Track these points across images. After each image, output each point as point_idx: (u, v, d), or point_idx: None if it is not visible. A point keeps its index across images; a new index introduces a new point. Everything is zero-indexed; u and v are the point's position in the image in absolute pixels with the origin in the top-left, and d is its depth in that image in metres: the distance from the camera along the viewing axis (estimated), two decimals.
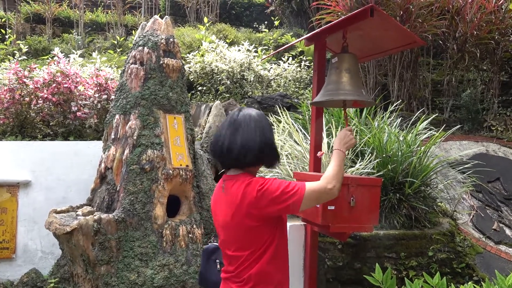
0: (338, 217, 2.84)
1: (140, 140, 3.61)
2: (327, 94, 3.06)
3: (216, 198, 2.01)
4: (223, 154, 1.92)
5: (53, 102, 4.52)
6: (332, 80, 3.09)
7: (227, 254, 1.97)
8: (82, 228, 3.21)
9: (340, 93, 2.98)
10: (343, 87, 3.00)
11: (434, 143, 4.08)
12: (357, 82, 3.09)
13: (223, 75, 5.79)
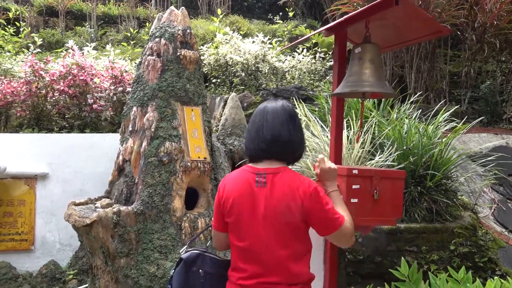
0: (362, 210, 2.79)
1: (158, 132, 3.59)
2: (349, 85, 3.00)
3: (245, 193, 1.85)
4: (278, 145, 1.87)
5: (69, 95, 4.51)
6: (354, 71, 3.02)
7: (257, 254, 1.83)
8: (102, 221, 3.20)
9: (364, 84, 2.92)
10: (366, 78, 2.94)
11: (456, 135, 4.00)
12: (380, 73, 3.03)
13: (238, 67, 5.74)
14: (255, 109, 2.05)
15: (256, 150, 1.90)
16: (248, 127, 2.01)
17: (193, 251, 2.07)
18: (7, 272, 3.95)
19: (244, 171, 1.93)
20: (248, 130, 1.99)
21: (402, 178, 2.90)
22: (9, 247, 4.18)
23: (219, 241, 2.04)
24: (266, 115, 1.94)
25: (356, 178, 2.78)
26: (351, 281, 3.55)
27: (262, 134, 1.88)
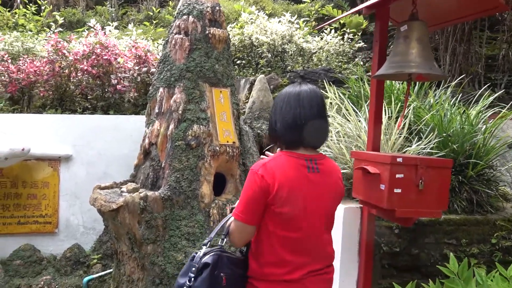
0: (405, 201, 2.61)
1: (185, 114, 3.43)
2: (393, 67, 2.79)
3: (300, 180, 1.76)
4: (317, 133, 1.87)
5: (93, 75, 4.38)
6: (399, 51, 2.81)
7: (309, 243, 1.79)
8: (128, 206, 3.08)
9: (411, 65, 2.71)
10: (413, 58, 2.72)
11: (503, 122, 3.74)
12: (428, 53, 2.80)
13: (264, 47, 5.52)
14: (282, 93, 1.93)
15: (295, 137, 1.83)
16: (280, 113, 1.87)
17: (213, 253, 1.86)
18: (32, 255, 3.90)
19: (290, 157, 1.81)
20: (282, 116, 1.85)
21: (449, 167, 2.70)
22: (33, 230, 4.13)
23: (244, 236, 1.81)
24: (302, 102, 1.85)
25: (400, 166, 2.60)
26: (386, 274, 3.38)
27: (300, 122, 1.81)
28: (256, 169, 1.75)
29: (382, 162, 2.63)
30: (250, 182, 1.75)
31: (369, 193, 2.79)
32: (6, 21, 6.40)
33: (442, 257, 3.49)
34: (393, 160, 2.55)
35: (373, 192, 2.72)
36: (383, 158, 2.62)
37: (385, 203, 2.59)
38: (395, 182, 2.57)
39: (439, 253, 3.49)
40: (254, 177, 1.74)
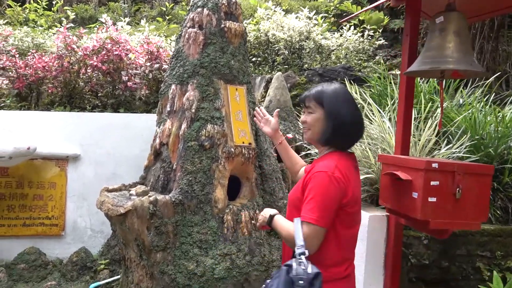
0: (441, 211, 2.36)
1: (198, 113, 3.21)
2: (427, 62, 2.53)
3: (357, 179, 1.94)
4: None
5: (103, 71, 4.20)
6: (434, 45, 2.55)
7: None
8: (137, 210, 2.88)
9: (448, 60, 2.45)
10: (450, 53, 2.46)
11: None
12: (467, 47, 2.54)
13: (281, 44, 5.29)
14: (339, 93, 1.98)
15: (357, 138, 2.00)
16: (347, 114, 1.93)
17: (308, 265, 1.69)
18: (37, 259, 3.73)
19: (346, 158, 1.94)
20: (351, 117, 1.94)
21: (490, 174, 2.44)
22: (39, 232, 3.96)
23: (319, 240, 1.79)
24: (355, 104, 2.00)
25: (435, 173, 2.35)
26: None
27: (362, 126, 2.01)
28: (331, 172, 1.79)
29: (415, 167, 2.38)
30: (326, 185, 1.77)
31: (398, 201, 2.54)
32: (17, 16, 6.26)
33: (474, 270, 3.22)
34: (428, 166, 2.31)
35: (404, 200, 2.48)
36: (416, 163, 2.37)
37: (419, 213, 2.35)
38: (429, 190, 2.32)
39: (471, 266, 3.22)
40: (331, 179, 1.77)
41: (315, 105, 1.96)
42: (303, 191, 1.87)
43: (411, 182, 2.41)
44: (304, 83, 4.92)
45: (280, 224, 1.91)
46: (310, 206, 1.76)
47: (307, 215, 1.75)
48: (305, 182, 1.87)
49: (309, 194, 1.80)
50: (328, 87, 1.98)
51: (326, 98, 1.94)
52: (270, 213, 1.98)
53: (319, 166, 1.85)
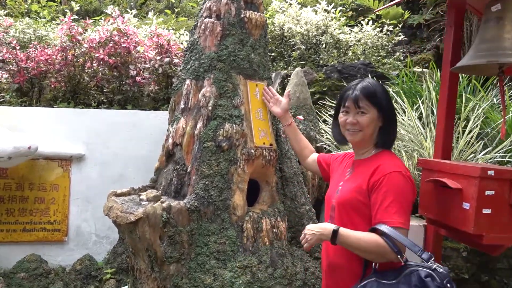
0: (495, 224, 2.08)
1: (216, 111, 2.94)
2: (482, 55, 2.24)
3: None
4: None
5: (110, 65, 3.91)
6: (489, 36, 2.25)
7: None
8: (149, 218, 2.60)
9: (508, 53, 2.16)
10: (509, 45, 2.18)
11: None
12: None
13: (297, 38, 5.00)
14: (386, 91, 1.99)
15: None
16: (395, 116, 2.00)
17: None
18: (38, 267, 3.45)
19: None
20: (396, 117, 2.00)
21: None
22: (40, 238, 3.69)
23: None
24: None
25: (491, 181, 2.06)
26: None
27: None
28: (404, 170, 1.78)
29: (466, 174, 2.09)
30: (404, 185, 1.75)
31: (444, 212, 2.26)
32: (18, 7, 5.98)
33: None
34: (483, 173, 2.02)
35: (451, 211, 2.20)
36: (469, 170, 2.08)
37: (471, 227, 2.07)
38: (484, 201, 2.04)
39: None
40: (406, 179, 1.76)
41: (368, 105, 1.85)
42: (368, 193, 1.79)
43: (461, 191, 2.13)
44: (322, 79, 4.63)
45: (356, 237, 1.72)
46: (394, 210, 1.70)
47: (395, 219, 1.69)
48: (373, 184, 1.77)
49: (387, 197, 1.72)
50: (376, 85, 1.92)
51: (380, 97, 1.87)
52: (333, 228, 1.75)
53: (388, 166, 1.78)
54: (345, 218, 1.85)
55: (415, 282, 1.62)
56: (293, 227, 3.20)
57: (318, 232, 1.78)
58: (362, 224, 1.80)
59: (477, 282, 2.88)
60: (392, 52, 5.67)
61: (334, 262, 1.95)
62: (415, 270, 1.67)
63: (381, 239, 1.68)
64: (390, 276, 1.71)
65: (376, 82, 1.94)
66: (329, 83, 4.60)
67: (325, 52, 5.12)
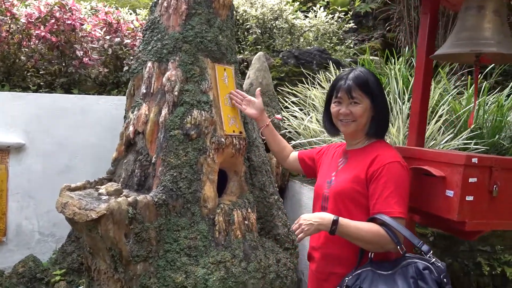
0: (477, 211, 2.12)
1: (182, 97, 2.72)
2: (464, 44, 2.26)
3: None
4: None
5: (52, 44, 3.49)
6: (469, 25, 2.28)
7: None
8: (113, 214, 2.35)
9: (489, 43, 2.19)
10: (490, 35, 2.21)
11: None
12: (506, 29, 2.31)
13: (253, 22, 4.84)
14: (377, 80, 1.92)
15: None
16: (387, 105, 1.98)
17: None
18: None
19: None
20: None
21: None
22: None
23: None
24: None
25: (474, 168, 2.09)
26: None
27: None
28: (401, 160, 1.78)
29: (450, 162, 2.10)
30: (402, 175, 1.75)
31: (425, 199, 2.26)
32: None
33: (475, 266, 3.08)
34: (468, 161, 2.04)
35: (433, 199, 2.20)
36: (453, 158, 2.09)
37: (455, 214, 2.09)
38: (467, 188, 2.06)
39: (473, 262, 3.08)
40: (403, 168, 1.77)
41: (361, 95, 1.81)
42: (366, 183, 1.75)
43: (445, 179, 2.13)
44: (280, 65, 4.54)
45: (356, 226, 1.67)
46: (394, 200, 1.67)
47: (395, 210, 1.67)
48: (371, 174, 1.74)
49: (387, 187, 1.69)
50: (368, 74, 1.87)
51: (372, 86, 1.83)
52: (332, 217, 1.66)
53: (387, 156, 1.77)
54: (342, 209, 1.79)
55: (412, 274, 1.61)
56: (262, 218, 3.09)
57: (316, 222, 1.69)
58: (359, 214, 1.76)
59: None
60: (343, 39, 5.71)
61: (327, 251, 1.89)
62: (413, 262, 1.66)
63: (382, 229, 1.65)
64: (386, 267, 1.69)
65: (367, 70, 1.88)
66: (287, 69, 4.51)
67: (279, 37, 5.02)
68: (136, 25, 3.98)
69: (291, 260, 2.97)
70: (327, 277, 1.87)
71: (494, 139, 3.20)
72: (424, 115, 2.63)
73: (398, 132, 3.09)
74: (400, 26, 5.57)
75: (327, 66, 4.59)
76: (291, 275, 2.92)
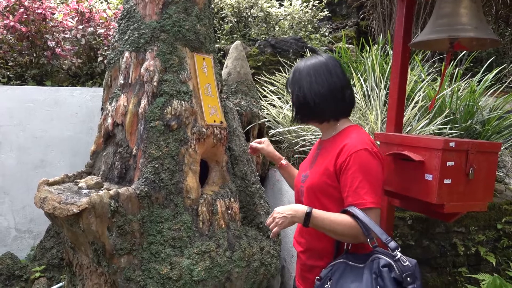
0: (454, 194, 2.19)
1: (161, 87, 2.68)
2: (443, 30, 2.31)
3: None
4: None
5: (22, 34, 3.36)
6: (447, 12, 2.33)
7: None
8: (95, 208, 2.31)
9: (466, 28, 2.25)
10: (467, 21, 2.27)
11: (507, 99, 3.49)
12: (481, 15, 2.37)
13: (228, 11, 4.79)
14: (303, 67, 1.84)
15: (341, 105, 1.83)
16: (326, 89, 1.80)
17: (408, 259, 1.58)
18: None
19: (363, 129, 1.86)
20: (325, 88, 1.80)
21: (497, 151, 2.32)
22: None
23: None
24: (335, 70, 1.86)
25: (451, 152, 2.16)
26: None
27: (341, 90, 1.81)
28: (370, 147, 1.68)
29: (429, 147, 2.16)
30: (371, 162, 1.66)
31: (404, 184, 2.32)
32: None
33: (451, 246, 3.20)
34: (446, 145, 2.10)
35: (412, 183, 2.27)
36: (431, 143, 2.15)
37: (435, 197, 2.15)
38: (445, 172, 2.13)
39: (449, 243, 3.19)
40: (373, 155, 1.68)
41: (292, 92, 1.85)
42: (336, 175, 1.71)
43: (423, 163, 2.19)
44: (256, 54, 4.52)
45: (330, 219, 1.63)
46: (364, 190, 1.61)
47: (366, 200, 1.61)
48: (340, 165, 1.68)
49: (356, 177, 1.63)
50: (294, 68, 1.86)
51: (293, 80, 1.83)
52: (305, 209, 1.62)
53: (354, 144, 1.68)
54: (316, 202, 1.77)
55: (375, 269, 1.58)
56: (245, 207, 3.10)
57: (290, 214, 1.65)
58: (333, 207, 1.73)
59: (419, 247, 3.08)
60: (318, 28, 5.73)
61: (308, 245, 1.87)
62: (378, 257, 1.61)
63: (354, 221, 1.62)
64: (361, 259, 1.66)
65: (297, 63, 1.86)
66: (264, 58, 4.50)
67: (255, 26, 4.99)
68: (109, 14, 3.87)
69: (274, 247, 3.00)
70: (309, 269, 1.86)
71: (467, 124, 3.30)
72: (402, 102, 2.68)
73: (376, 118, 3.14)
74: (373, 14, 5.64)
75: (303, 54, 4.61)
76: (275, 263, 2.95)
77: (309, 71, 1.82)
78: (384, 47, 4.41)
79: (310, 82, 1.80)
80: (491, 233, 3.28)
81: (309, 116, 1.86)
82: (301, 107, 1.84)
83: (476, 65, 5.68)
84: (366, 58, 3.71)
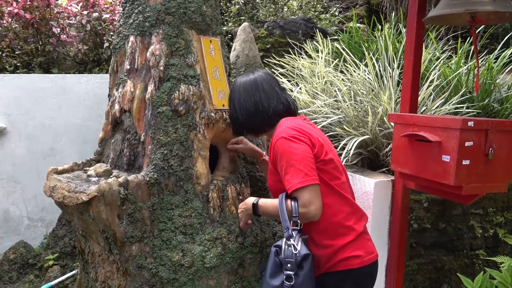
0: (473, 175, 2.12)
1: (168, 71, 2.62)
2: (459, 4, 2.20)
3: (312, 129, 1.95)
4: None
5: (26, 21, 3.31)
6: None
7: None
8: (105, 196, 2.28)
9: (485, 2, 2.14)
10: None
11: None
12: None
13: None
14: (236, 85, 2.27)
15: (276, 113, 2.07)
16: (251, 105, 2.12)
17: (302, 241, 1.73)
18: None
19: (292, 118, 2.04)
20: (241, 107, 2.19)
21: None
22: None
23: (319, 197, 1.75)
24: (262, 86, 2.14)
25: (470, 132, 2.08)
26: (414, 254, 2.95)
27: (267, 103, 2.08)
28: (286, 134, 1.80)
29: (446, 127, 2.08)
30: (289, 146, 1.75)
31: (420, 165, 2.25)
32: None
33: (468, 229, 3.13)
34: (464, 125, 2.02)
35: (429, 164, 2.19)
36: (449, 122, 2.07)
37: (452, 179, 2.08)
38: (463, 152, 2.05)
39: (466, 225, 3.12)
40: (289, 140, 1.77)
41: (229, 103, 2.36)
42: (277, 172, 1.87)
43: (440, 144, 2.12)
44: (265, 36, 4.42)
45: (274, 205, 1.83)
46: (289, 175, 1.72)
47: (292, 183, 1.70)
48: (272, 162, 1.89)
49: (282, 165, 1.77)
50: (234, 82, 2.29)
51: (230, 93, 2.29)
52: (252, 201, 1.93)
53: (274, 138, 1.87)
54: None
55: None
56: (256, 192, 3.06)
57: (244, 208, 1.99)
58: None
59: (435, 230, 3.01)
60: (327, 7, 5.59)
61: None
62: (281, 238, 1.81)
63: (288, 204, 1.75)
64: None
65: (235, 80, 2.31)
66: (272, 40, 4.40)
67: (263, 7, 4.88)
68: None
69: None
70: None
71: (484, 103, 3.19)
72: (416, 81, 2.59)
73: (390, 99, 3.05)
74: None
75: (313, 35, 4.50)
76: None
77: (240, 88, 2.16)
78: (396, 25, 4.28)
79: (239, 99, 2.13)
80: (510, 214, 3.19)
81: (241, 130, 2.19)
82: (233, 122, 2.20)
83: (492, 41, 5.50)
84: (378, 37, 3.60)
